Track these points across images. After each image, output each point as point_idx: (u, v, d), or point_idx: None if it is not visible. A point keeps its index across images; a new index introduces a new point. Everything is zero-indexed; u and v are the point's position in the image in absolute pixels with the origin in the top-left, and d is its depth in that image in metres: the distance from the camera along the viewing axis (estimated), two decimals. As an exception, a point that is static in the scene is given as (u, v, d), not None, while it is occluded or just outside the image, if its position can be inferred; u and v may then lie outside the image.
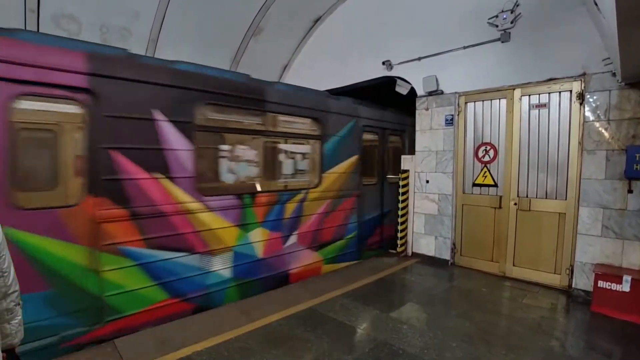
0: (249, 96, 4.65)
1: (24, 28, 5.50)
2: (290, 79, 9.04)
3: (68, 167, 3.77)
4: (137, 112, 3.63)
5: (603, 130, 4.54)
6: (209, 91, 4.21)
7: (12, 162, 2.96)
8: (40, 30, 5.67)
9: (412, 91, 6.75)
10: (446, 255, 6.25)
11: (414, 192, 6.69)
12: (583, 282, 4.70)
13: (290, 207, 5.20)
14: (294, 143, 5.93)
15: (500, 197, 5.63)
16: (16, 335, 1.72)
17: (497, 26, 5.47)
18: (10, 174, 2.94)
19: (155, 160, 3.79)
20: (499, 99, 5.63)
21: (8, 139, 2.92)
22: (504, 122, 5.59)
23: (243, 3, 7.43)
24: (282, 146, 5.82)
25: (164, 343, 3.43)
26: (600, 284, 4.30)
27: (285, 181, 5.84)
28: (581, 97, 4.76)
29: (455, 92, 6.09)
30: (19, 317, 1.74)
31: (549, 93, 5.11)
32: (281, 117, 5.34)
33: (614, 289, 4.20)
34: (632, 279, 4.09)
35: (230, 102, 4.48)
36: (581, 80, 4.76)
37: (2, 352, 1.71)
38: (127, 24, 6.56)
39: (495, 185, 5.71)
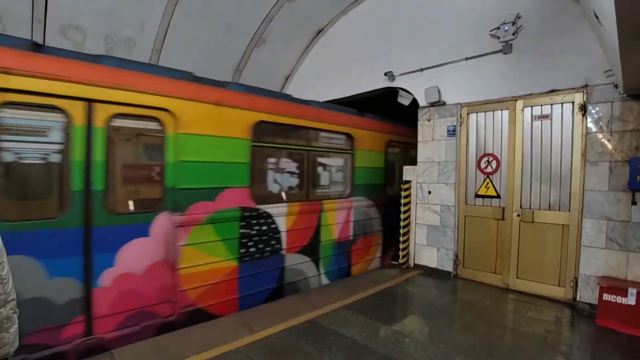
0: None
1: (30, 38, 5.58)
2: (293, 89, 9.10)
3: None
4: None
5: (606, 142, 4.53)
6: None
7: None
8: (46, 41, 5.75)
9: (414, 102, 6.78)
10: (448, 267, 6.19)
11: (416, 203, 6.66)
12: (588, 294, 4.64)
13: None
14: None
15: (503, 208, 5.59)
16: (12, 344, 1.69)
17: (498, 38, 5.51)
18: None
19: None
20: (501, 110, 5.64)
21: None
22: (506, 133, 5.58)
23: (246, 14, 7.53)
24: None
25: (162, 353, 3.39)
26: (605, 296, 4.24)
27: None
28: (583, 108, 4.77)
29: (458, 103, 6.11)
30: (16, 326, 1.71)
31: (551, 104, 5.12)
32: None
33: (619, 302, 4.14)
34: (637, 292, 4.03)
35: None
36: (583, 91, 4.77)
37: None
38: (131, 34, 6.65)
39: (498, 196, 5.68)
